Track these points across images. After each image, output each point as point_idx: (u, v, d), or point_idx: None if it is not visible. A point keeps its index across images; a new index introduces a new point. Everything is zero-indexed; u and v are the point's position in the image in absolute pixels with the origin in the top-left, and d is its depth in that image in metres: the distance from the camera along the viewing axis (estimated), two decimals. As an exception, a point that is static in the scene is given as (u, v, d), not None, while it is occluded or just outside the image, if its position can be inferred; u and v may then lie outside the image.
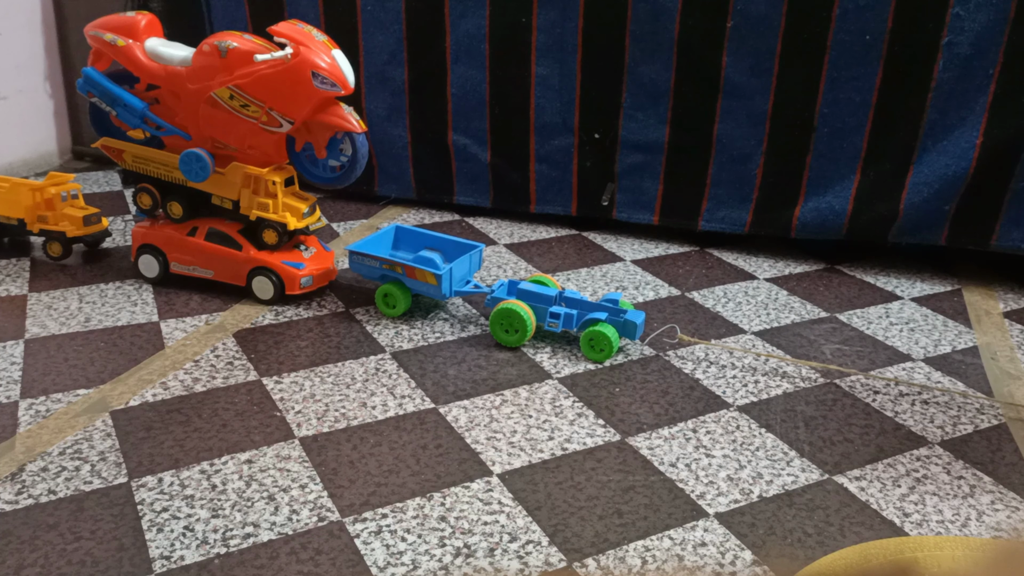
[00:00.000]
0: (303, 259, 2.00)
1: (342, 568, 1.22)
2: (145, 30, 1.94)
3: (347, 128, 1.85)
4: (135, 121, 1.94)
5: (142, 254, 2.06)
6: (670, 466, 1.47)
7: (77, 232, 2.16)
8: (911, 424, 1.63)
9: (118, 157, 2.04)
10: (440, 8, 2.43)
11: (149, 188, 2.04)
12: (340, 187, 2.03)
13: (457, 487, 1.40)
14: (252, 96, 1.84)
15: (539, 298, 1.86)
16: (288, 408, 1.60)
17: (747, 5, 2.18)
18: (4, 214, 2.18)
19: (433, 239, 2.05)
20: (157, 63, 1.92)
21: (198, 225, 2.02)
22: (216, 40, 1.85)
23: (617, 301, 1.84)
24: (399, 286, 1.94)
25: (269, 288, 1.97)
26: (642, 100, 2.37)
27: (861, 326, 2.02)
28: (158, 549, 1.24)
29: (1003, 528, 1.36)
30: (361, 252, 1.96)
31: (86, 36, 1.98)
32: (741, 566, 1.25)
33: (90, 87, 1.96)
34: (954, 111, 2.12)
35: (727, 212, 2.40)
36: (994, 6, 2.01)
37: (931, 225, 2.23)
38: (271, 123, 1.86)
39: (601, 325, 1.79)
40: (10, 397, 1.61)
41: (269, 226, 1.95)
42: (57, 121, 3.00)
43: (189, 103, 1.91)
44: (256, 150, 1.92)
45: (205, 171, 1.92)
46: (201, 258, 2.02)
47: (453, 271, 1.90)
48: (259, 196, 1.94)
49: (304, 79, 1.79)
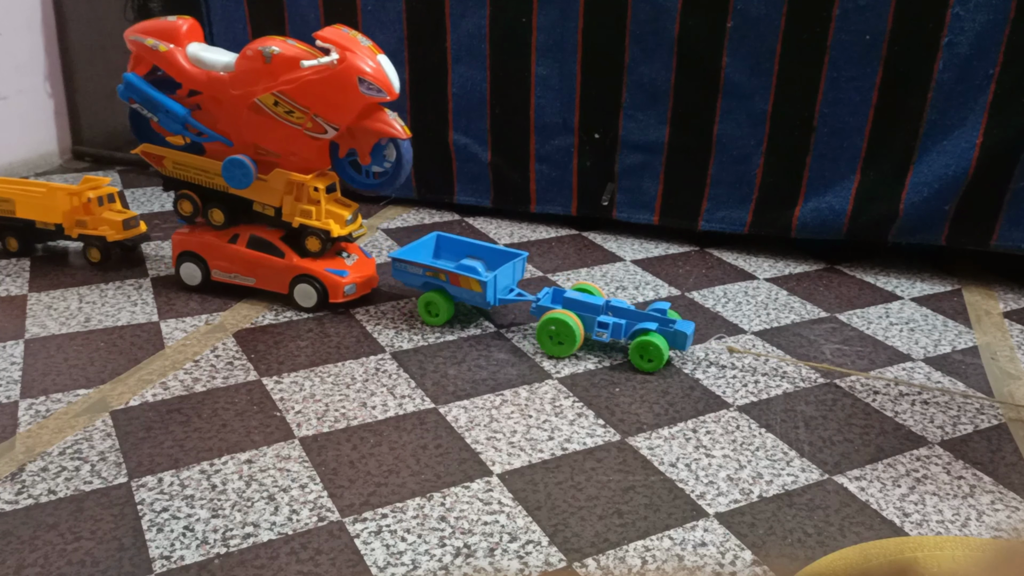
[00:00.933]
0: (346, 266, 1.97)
1: (342, 568, 1.22)
2: (187, 35, 1.91)
3: (392, 134, 1.83)
4: (177, 127, 1.91)
5: (183, 262, 2.03)
6: (670, 466, 1.47)
7: (117, 236, 2.13)
8: (911, 424, 1.63)
9: (158, 163, 2.01)
10: (440, 8, 2.43)
11: (190, 195, 2.00)
12: (382, 193, 2.00)
13: (457, 487, 1.40)
14: (297, 102, 1.81)
15: (586, 307, 1.82)
16: (288, 408, 1.60)
17: (747, 5, 2.18)
18: (41, 219, 2.15)
19: (474, 247, 2.02)
20: (199, 68, 1.88)
21: (239, 232, 1.99)
22: (260, 45, 1.81)
23: (665, 311, 1.81)
24: (442, 294, 1.90)
25: (312, 296, 1.95)
26: (642, 100, 2.37)
27: (861, 326, 2.02)
28: (158, 549, 1.24)
29: (1003, 528, 1.36)
30: (404, 259, 1.92)
31: (126, 41, 1.94)
32: (741, 566, 1.25)
33: (131, 93, 1.93)
34: (954, 111, 2.12)
35: (727, 212, 2.40)
36: (994, 6, 2.01)
37: (931, 225, 2.23)
38: (316, 129, 1.84)
39: (651, 335, 1.74)
40: (10, 397, 1.61)
41: (312, 233, 1.93)
42: (57, 121, 3.00)
43: (232, 109, 1.88)
44: (299, 156, 1.90)
45: (248, 178, 1.89)
46: (243, 266, 1.99)
47: (497, 279, 1.87)
48: (302, 203, 1.92)
49: (350, 85, 1.76)
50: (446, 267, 1.89)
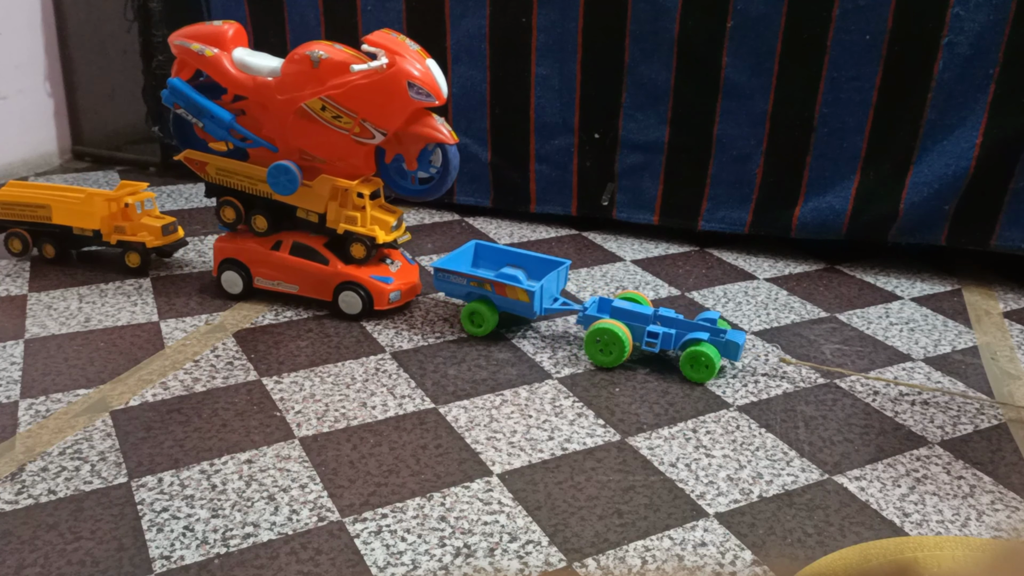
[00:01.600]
0: (391, 273, 1.95)
1: (342, 568, 1.22)
2: (232, 39, 1.88)
3: (440, 139, 1.80)
4: (222, 133, 1.88)
5: (225, 269, 2.00)
6: (670, 466, 1.47)
7: (156, 242, 2.11)
8: (911, 424, 1.63)
9: (201, 170, 1.97)
10: (440, 8, 2.43)
11: (233, 201, 1.97)
12: (428, 199, 1.97)
13: (457, 487, 1.40)
14: (345, 107, 1.79)
15: (635, 316, 1.79)
16: (288, 408, 1.60)
17: (747, 5, 2.18)
18: (79, 225, 2.12)
19: (515, 255, 1.99)
20: (245, 73, 1.86)
21: (282, 239, 1.96)
22: (307, 50, 1.79)
23: (715, 320, 1.77)
24: (487, 304, 1.87)
25: (357, 303, 1.92)
26: (642, 100, 2.37)
27: (861, 326, 2.02)
28: (158, 549, 1.24)
29: (1003, 528, 1.36)
30: (447, 269, 1.89)
31: (170, 46, 1.91)
32: (741, 566, 1.25)
33: (176, 98, 1.89)
34: (954, 111, 2.12)
35: (727, 212, 2.40)
36: (994, 6, 2.01)
37: (931, 225, 2.23)
38: (363, 134, 1.81)
39: (703, 345, 1.71)
40: (10, 397, 1.61)
41: (357, 240, 1.90)
42: (57, 121, 3.00)
43: (277, 114, 1.85)
44: (345, 162, 1.87)
45: (293, 184, 1.87)
46: (287, 273, 1.96)
47: (543, 288, 1.84)
48: (346, 209, 1.89)
49: (400, 89, 1.74)
50: (491, 277, 1.87)
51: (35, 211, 2.14)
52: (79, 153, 3.06)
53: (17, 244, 2.17)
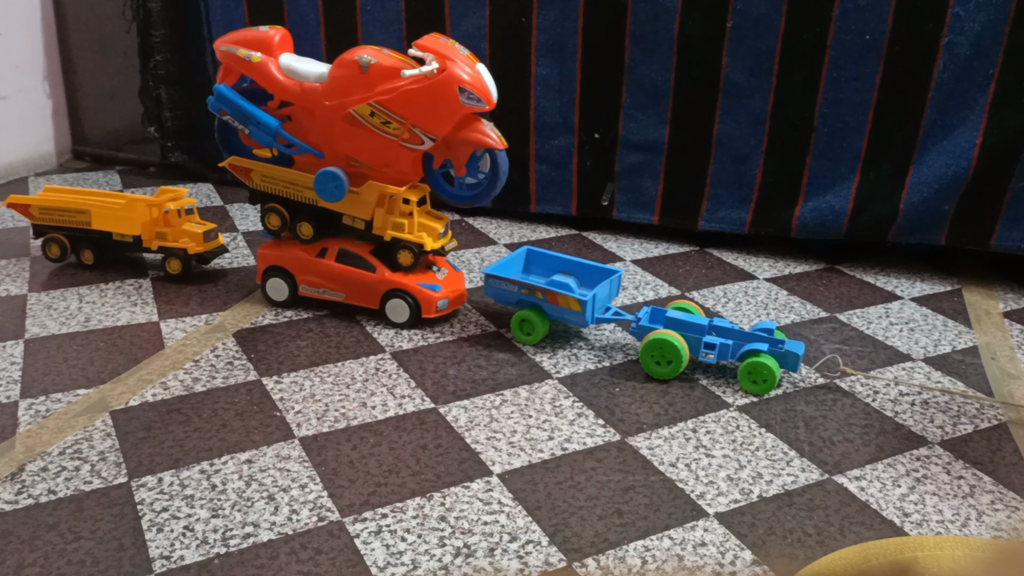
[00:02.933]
0: (438, 281, 1.92)
1: (342, 568, 1.22)
2: (279, 45, 1.85)
3: (490, 144, 1.78)
4: (268, 139, 1.85)
5: (269, 277, 1.97)
6: (670, 466, 1.47)
7: (198, 249, 2.08)
8: (911, 424, 1.63)
9: (246, 177, 1.95)
10: (440, 8, 2.43)
11: (278, 208, 1.94)
12: (476, 206, 1.94)
13: (457, 487, 1.40)
14: (395, 112, 1.76)
15: (691, 327, 1.75)
16: (288, 408, 1.60)
17: (747, 5, 2.18)
18: (119, 231, 2.09)
19: (566, 262, 1.96)
20: (292, 79, 1.83)
21: (327, 246, 1.94)
22: (355, 55, 1.77)
23: (772, 331, 1.74)
24: (537, 312, 1.84)
25: (405, 311, 1.89)
26: (642, 100, 2.37)
27: (861, 326, 2.02)
28: (158, 549, 1.24)
29: (1003, 528, 1.36)
30: (498, 276, 1.86)
31: (216, 52, 1.88)
32: (741, 566, 1.25)
33: (222, 104, 1.86)
34: (954, 111, 2.12)
35: (727, 212, 2.41)
36: (994, 6, 2.01)
37: (931, 225, 2.23)
38: (413, 140, 1.79)
39: (763, 357, 1.68)
40: (10, 397, 1.61)
41: (405, 247, 1.87)
42: (57, 121, 3.00)
43: (325, 120, 1.83)
44: (393, 168, 1.85)
45: (341, 190, 1.84)
46: (333, 281, 1.93)
47: (596, 297, 1.81)
48: (393, 216, 1.87)
49: (451, 95, 1.71)
50: (543, 284, 1.84)
51: (74, 216, 2.11)
52: (79, 153, 3.06)
53: (55, 249, 2.14)
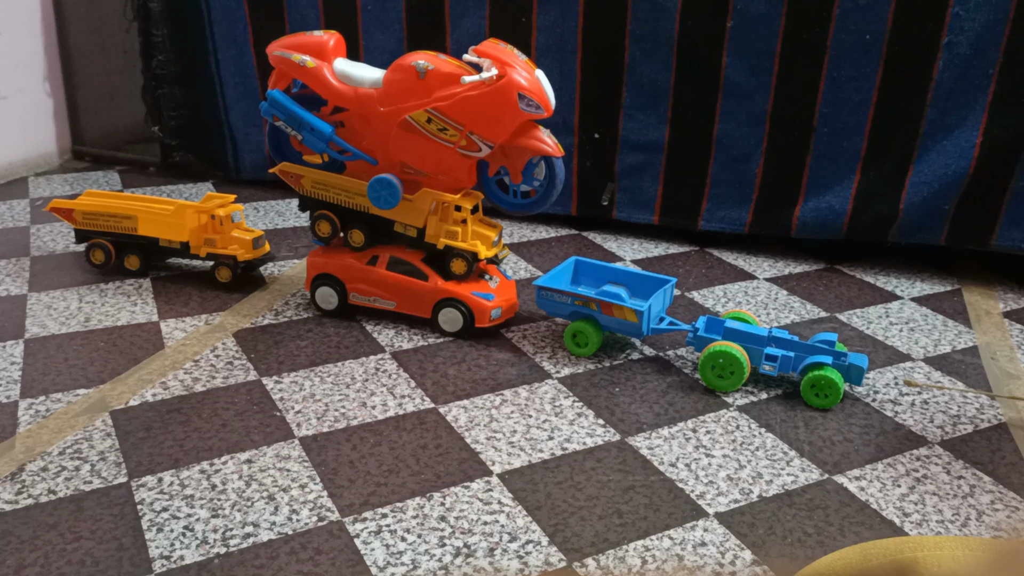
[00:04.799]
0: (491, 290, 1.89)
1: (342, 568, 1.22)
2: (333, 50, 1.82)
3: (547, 152, 1.75)
4: (321, 146, 1.82)
5: (319, 285, 1.94)
6: (670, 466, 1.47)
7: (247, 256, 2.05)
8: (911, 424, 1.63)
9: (296, 183, 1.91)
10: (440, 8, 2.43)
11: (329, 215, 1.91)
12: (531, 214, 1.92)
13: (457, 487, 1.40)
14: (452, 119, 1.74)
15: (751, 338, 1.72)
16: (288, 408, 1.60)
17: (747, 5, 2.18)
18: (166, 237, 2.06)
19: (616, 272, 1.94)
20: (347, 85, 1.81)
21: (378, 254, 1.91)
22: (412, 60, 1.74)
23: (833, 343, 1.70)
24: (591, 323, 1.81)
25: (458, 321, 1.86)
26: (642, 100, 2.37)
27: (861, 326, 2.02)
28: (158, 549, 1.24)
29: (1003, 528, 1.36)
30: (551, 288, 1.83)
31: (269, 57, 1.86)
32: (741, 566, 1.25)
33: (275, 110, 1.82)
34: (954, 111, 2.12)
35: (727, 212, 2.41)
36: (994, 6, 2.01)
37: (931, 225, 2.23)
38: (470, 147, 1.76)
39: (827, 370, 1.64)
40: (10, 397, 1.61)
41: (458, 255, 1.84)
42: (57, 121, 3.00)
43: (379, 126, 1.80)
44: (449, 175, 1.82)
45: (395, 198, 1.81)
46: (384, 289, 1.90)
47: (651, 308, 1.78)
48: (447, 223, 1.84)
49: (510, 101, 1.69)
50: (596, 295, 1.81)
51: (120, 222, 2.08)
52: (79, 153, 3.06)
53: (100, 255, 2.11)
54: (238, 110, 2.73)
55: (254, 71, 2.67)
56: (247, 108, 2.72)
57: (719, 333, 1.76)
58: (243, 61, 2.66)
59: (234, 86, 2.70)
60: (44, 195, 2.68)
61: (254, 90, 2.70)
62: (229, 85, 2.71)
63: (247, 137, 2.76)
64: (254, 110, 2.72)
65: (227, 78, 2.70)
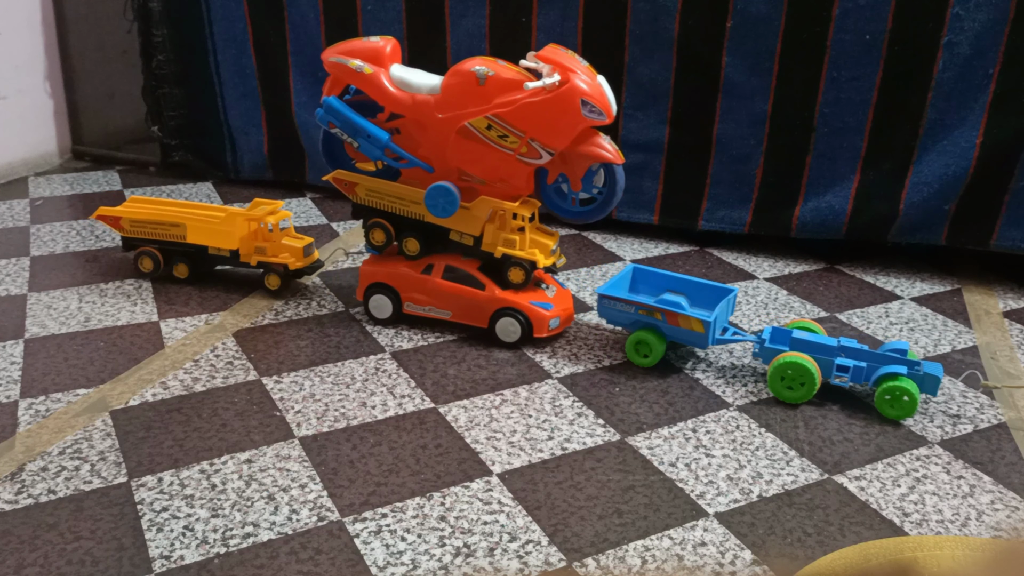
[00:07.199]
0: (549, 299, 1.86)
1: (342, 568, 1.22)
2: (390, 56, 1.80)
3: (608, 159, 1.73)
4: (377, 153, 1.79)
5: (373, 294, 1.91)
6: (670, 466, 1.47)
7: (298, 264, 2.01)
8: (911, 424, 1.63)
9: (350, 191, 1.89)
10: (440, 8, 2.43)
11: (383, 223, 1.88)
12: (589, 222, 1.90)
13: (457, 487, 1.40)
14: (514, 126, 1.70)
15: (820, 348, 1.68)
16: (288, 408, 1.60)
17: (747, 5, 2.18)
18: (216, 245, 2.04)
19: (675, 281, 1.90)
20: (404, 91, 1.78)
21: (433, 262, 1.88)
22: (471, 66, 1.72)
23: (905, 351, 1.66)
24: (654, 333, 1.76)
25: (516, 330, 1.82)
26: (642, 100, 2.37)
27: (861, 326, 2.02)
28: (158, 549, 1.24)
29: (1003, 528, 1.36)
30: (614, 297, 1.79)
31: (324, 63, 1.82)
32: (741, 566, 1.25)
33: (332, 117, 1.80)
34: (954, 111, 2.12)
35: (727, 212, 2.40)
36: (994, 6, 2.01)
37: (931, 225, 2.23)
38: (530, 154, 1.73)
39: (902, 380, 1.60)
40: (10, 397, 1.61)
41: (516, 264, 1.81)
42: (57, 121, 3.00)
43: (437, 133, 1.77)
44: (507, 183, 1.79)
45: (453, 206, 1.78)
46: (440, 298, 1.87)
47: (718, 318, 1.75)
48: (504, 231, 1.81)
49: (573, 107, 1.66)
50: (657, 303, 1.77)
51: (168, 230, 2.05)
52: (79, 153, 3.06)
53: (148, 263, 2.09)
54: (237, 110, 2.73)
55: (253, 71, 2.67)
56: (246, 108, 2.72)
57: (786, 344, 1.72)
58: (242, 61, 2.66)
59: (233, 86, 2.70)
60: (44, 195, 2.68)
61: (253, 90, 2.70)
62: (228, 85, 2.71)
63: (246, 137, 2.76)
64: (253, 110, 2.72)
65: (226, 78, 2.70)
